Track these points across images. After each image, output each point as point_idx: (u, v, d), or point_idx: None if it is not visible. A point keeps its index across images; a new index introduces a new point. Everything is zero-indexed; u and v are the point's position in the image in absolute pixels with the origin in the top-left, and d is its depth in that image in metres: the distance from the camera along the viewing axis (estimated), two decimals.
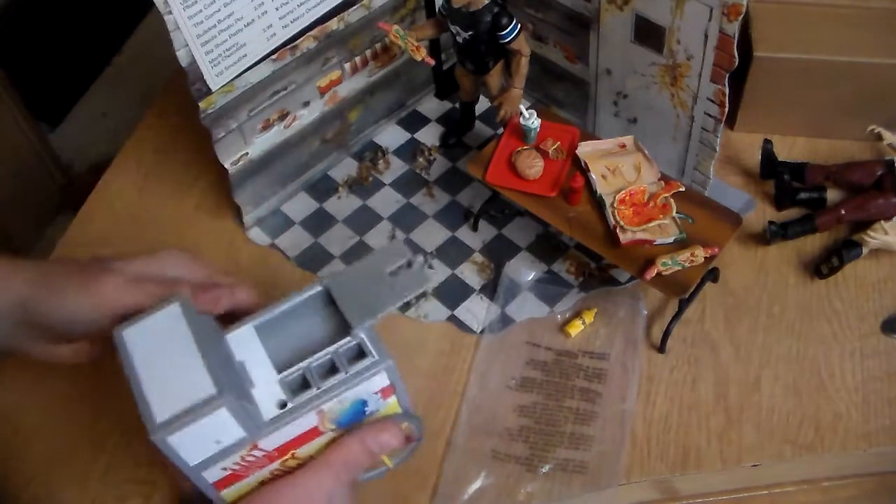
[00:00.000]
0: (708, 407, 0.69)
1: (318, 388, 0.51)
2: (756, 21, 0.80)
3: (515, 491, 0.66)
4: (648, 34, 0.70)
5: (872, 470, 0.71)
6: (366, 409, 0.54)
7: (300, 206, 0.84)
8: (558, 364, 0.72)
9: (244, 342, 0.53)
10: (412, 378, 0.63)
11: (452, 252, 0.80)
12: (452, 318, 0.75)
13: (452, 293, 0.77)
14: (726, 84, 0.67)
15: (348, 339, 0.52)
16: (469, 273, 0.78)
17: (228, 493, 0.53)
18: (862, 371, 0.70)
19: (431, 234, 0.81)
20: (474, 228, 0.81)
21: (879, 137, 0.77)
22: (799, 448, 0.67)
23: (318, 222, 0.83)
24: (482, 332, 0.74)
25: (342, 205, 0.84)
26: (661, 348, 0.71)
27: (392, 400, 0.55)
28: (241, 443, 0.50)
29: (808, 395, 0.69)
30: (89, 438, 0.70)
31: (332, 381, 0.51)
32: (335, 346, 0.52)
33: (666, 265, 0.66)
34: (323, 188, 0.86)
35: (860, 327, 0.72)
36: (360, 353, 0.52)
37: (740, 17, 0.62)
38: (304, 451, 0.54)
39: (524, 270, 0.77)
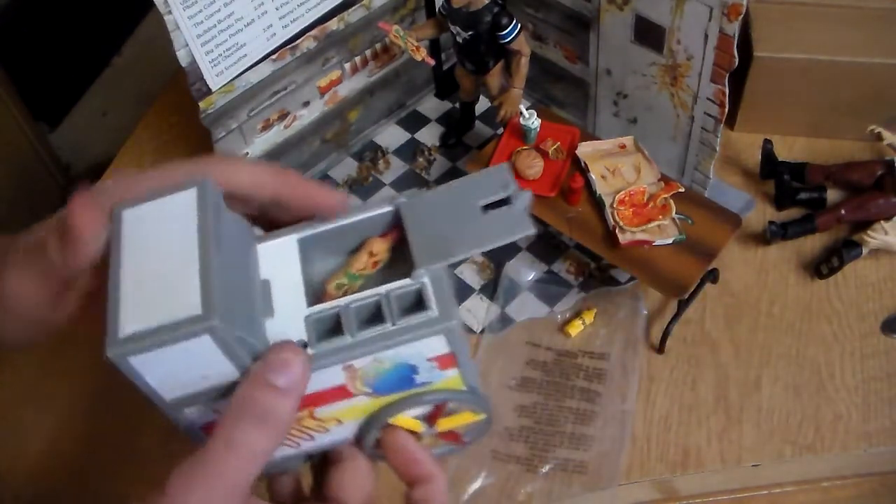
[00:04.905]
0: (708, 407, 0.69)
1: (352, 338, 0.37)
2: (756, 21, 0.80)
3: (515, 491, 0.66)
4: (648, 34, 0.70)
5: (872, 470, 0.71)
6: (415, 377, 0.40)
7: None
8: (558, 364, 0.72)
9: (280, 257, 0.40)
10: None
11: None
12: None
13: None
14: (726, 84, 0.67)
15: (408, 281, 0.38)
16: (469, 273, 0.78)
17: None
18: (862, 371, 0.70)
19: None
20: None
21: (879, 137, 0.77)
22: (799, 448, 0.67)
23: None
24: (482, 332, 0.74)
25: None
26: (660, 348, 0.71)
27: (453, 373, 0.40)
28: (233, 384, 0.37)
29: (808, 395, 0.69)
30: (89, 438, 0.70)
31: (372, 331, 0.37)
32: (388, 286, 0.38)
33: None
34: None
35: (860, 327, 0.72)
36: (419, 304, 0.38)
37: (740, 17, 0.62)
38: (326, 411, 0.40)
39: (524, 270, 0.77)
